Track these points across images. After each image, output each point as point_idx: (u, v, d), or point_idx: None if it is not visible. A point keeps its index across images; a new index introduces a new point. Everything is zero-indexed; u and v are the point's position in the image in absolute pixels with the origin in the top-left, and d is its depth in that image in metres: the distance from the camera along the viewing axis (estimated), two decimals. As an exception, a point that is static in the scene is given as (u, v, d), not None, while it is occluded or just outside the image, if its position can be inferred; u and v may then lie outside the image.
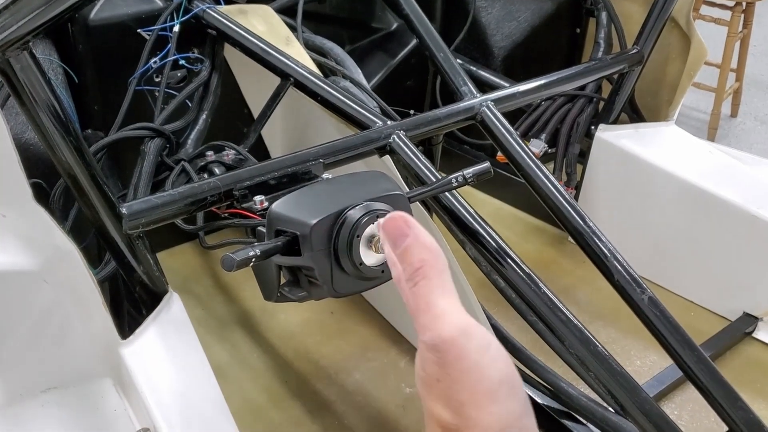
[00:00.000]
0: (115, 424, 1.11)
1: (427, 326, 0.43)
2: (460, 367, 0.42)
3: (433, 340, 0.43)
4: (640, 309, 1.17)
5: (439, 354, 0.42)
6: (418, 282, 0.45)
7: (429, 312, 0.44)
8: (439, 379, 0.42)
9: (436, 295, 0.45)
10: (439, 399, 0.42)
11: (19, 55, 0.95)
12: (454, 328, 0.43)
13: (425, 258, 0.46)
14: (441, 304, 0.44)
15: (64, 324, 1.12)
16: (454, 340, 0.42)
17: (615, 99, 1.80)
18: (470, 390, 0.41)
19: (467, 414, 0.41)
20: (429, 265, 0.46)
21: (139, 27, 1.45)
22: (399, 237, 0.47)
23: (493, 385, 0.42)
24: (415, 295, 0.45)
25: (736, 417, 1.12)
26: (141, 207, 1.11)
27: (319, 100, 1.38)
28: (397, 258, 0.47)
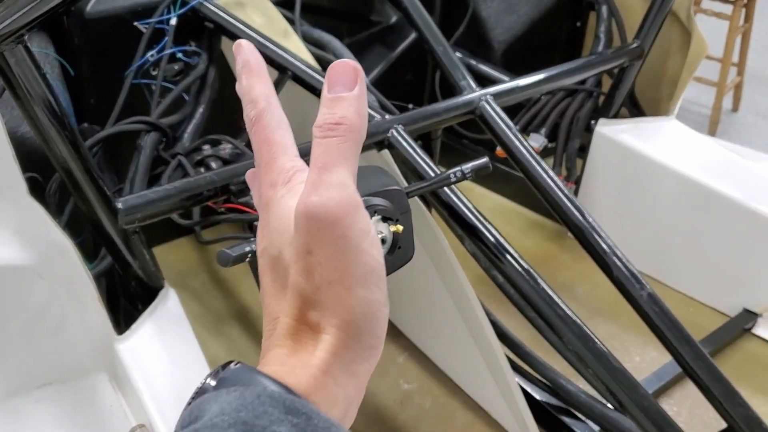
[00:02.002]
0: (110, 420, 1.11)
1: (319, 189, 0.39)
2: (339, 246, 0.39)
3: (319, 208, 0.39)
4: (640, 305, 1.17)
5: (321, 225, 0.39)
6: (331, 138, 0.41)
7: (327, 174, 0.39)
8: (311, 251, 0.39)
9: (342, 161, 0.40)
10: (306, 272, 0.39)
11: (14, 48, 0.94)
12: (346, 204, 0.39)
13: (353, 121, 0.41)
14: (342, 172, 0.40)
15: (59, 319, 1.12)
16: (344, 217, 0.39)
17: (615, 93, 1.79)
18: (343, 271, 0.39)
19: (333, 292, 0.39)
20: (350, 129, 0.41)
21: (135, 20, 1.44)
22: (341, 83, 0.42)
23: (366, 270, 0.39)
24: (319, 150, 0.40)
25: (734, 413, 1.12)
26: (137, 202, 1.10)
27: (317, 94, 1.37)
28: (324, 101, 0.42)
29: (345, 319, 0.39)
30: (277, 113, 0.45)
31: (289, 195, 0.42)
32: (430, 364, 1.54)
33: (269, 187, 0.43)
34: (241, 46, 0.47)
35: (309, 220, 0.39)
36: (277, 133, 0.44)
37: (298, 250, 0.40)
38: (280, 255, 0.41)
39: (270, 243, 0.42)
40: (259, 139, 0.44)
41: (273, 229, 0.42)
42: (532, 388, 1.41)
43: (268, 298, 0.42)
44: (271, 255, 0.42)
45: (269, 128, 0.44)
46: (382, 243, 0.92)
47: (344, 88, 0.42)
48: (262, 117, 0.44)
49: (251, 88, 0.45)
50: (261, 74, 0.46)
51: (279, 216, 0.42)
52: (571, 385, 1.37)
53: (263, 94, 0.45)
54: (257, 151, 0.44)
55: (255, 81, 0.45)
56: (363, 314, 0.40)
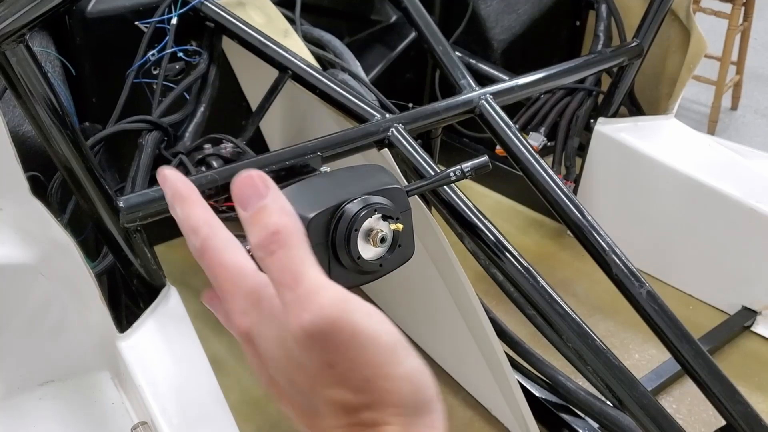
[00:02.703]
0: (112, 417, 1.11)
1: (303, 305, 0.37)
2: (357, 344, 0.37)
3: (316, 324, 0.36)
4: (639, 303, 1.17)
5: (328, 337, 0.37)
6: (276, 251, 0.38)
7: (300, 287, 0.37)
8: (332, 364, 0.37)
9: (301, 264, 0.38)
10: (337, 384, 0.37)
11: (16, 48, 0.95)
12: (337, 304, 0.37)
13: (285, 223, 0.39)
14: (312, 275, 0.38)
15: (61, 317, 1.12)
16: (342, 316, 0.37)
17: (614, 92, 1.79)
18: (373, 363, 0.37)
19: (376, 387, 0.37)
20: (288, 232, 0.38)
21: (136, 19, 1.44)
22: (252, 196, 0.39)
23: (391, 349, 0.38)
24: (275, 268, 0.38)
25: (733, 411, 1.12)
26: (138, 200, 1.11)
27: (317, 93, 1.38)
28: (245, 221, 0.39)
29: (399, 404, 0.38)
30: (221, 234, 0.41)
31: (267, 320, 0.39)
32: (429, 362, 1.55)
33: (240, 315, 0.40)
34: (166, 176, 0.44)
35: (313, 339, 0.37)
36: (228, 256, 0.41)
37: (318, 370, 0.38)
38: (293, 382, 0.39)
39: (276, 373, 0.40)
40: (212, 267, 0.41)
41: (271, 359, 0.40)
42: (531, 385, 1.42)
43: (302, 423, 0.40)
44: (284, 382, 0.40)
45: (218, 254, 0.41)
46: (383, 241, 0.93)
47: (257, 199, 0.39)
48: (208, 244, 0.41)
49: (188, 217, 0.42)
50: (193, 199, 0.43)
51: (270, 346, 0.39)
52: (570, 383, 1.37)
53: (202, 219, 0.42)
54: (213, 279, 0.41)
55: (189, 208, 0.42)
56: (413, 390, 0.38)
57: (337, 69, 1.59)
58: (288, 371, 0.39)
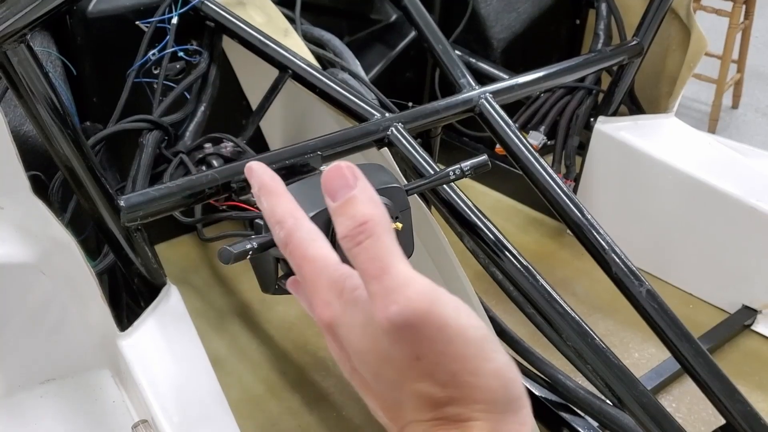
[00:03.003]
0: (113, 416, 1.11)
1: (391, 297, 0.36)
2: (444, 338, 0.36)
3: (405, 315, 0.36)
4: (638, 302, 1.17)
5: (416, 329, 0.36)
6: (363, 242, 0.38)
7: (387, 278, 0.37)
8: (419, 356, 0.37)
9: (390, 255, 0.37)
10: (423, 377, 0.37)
11: (17, 48, 0.95)
12: (425, 297, 0.36)
13: (374, 213, 0.38)
14: (400, 266, 0.37)
15: (62, 316, 1.12)
16: (431, 308, 0.36)
17: (614, 91, 1.79)
18: (460, 357, 0.37)
19: (463, 382, 0.37)
20: (377, 223, 0.38)
21: (137, 19, 1.45)
22: (342, 187, 0.39)
23: (479, 343, 0.37)
24: (362, 258, 0.38)
25: (733, 410, 1.12)
26: (139, 199, 1.11)
27: (317, 92, 1.38)
28: (334, 212, 0.40)
29: (487, 400, 0.37)
30: (306, 226, 0.43)
31: (351, 311, 0.39)
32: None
33: (325, 306, 0.40)
34: (253, 169, 0.46)
35: (401, 331, 0.36)
36: (313, 248, 0.42)
37: (404, 363, 0.37)
38: (379, 375, 0.39)
39: (358, 364, 0.40)
40: (297, 258, 0.42)
41: (353, 351, 0.40)
42: (531, 384, 1.42)
43: (382, 415, 0.40)
44: (368, 374, 0.40)
45: (303, 245, 0.42)
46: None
47: (346, 190, 0.40)
48: (293, 235, 0.42)
49: (273, 209, 0.44)
50: (279, 192, 0.44)
51: (353, 336, 0.39)
52: (570, 381, 1.38)
53: (288, 211, 0.43)
54: (298, 270, 0.42)
55: (275, 201, 0.44)
56: (501, 385, 0.37)
57: (337, 68, 1.60)
58: (372, 363, 0.39)
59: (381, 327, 0.37)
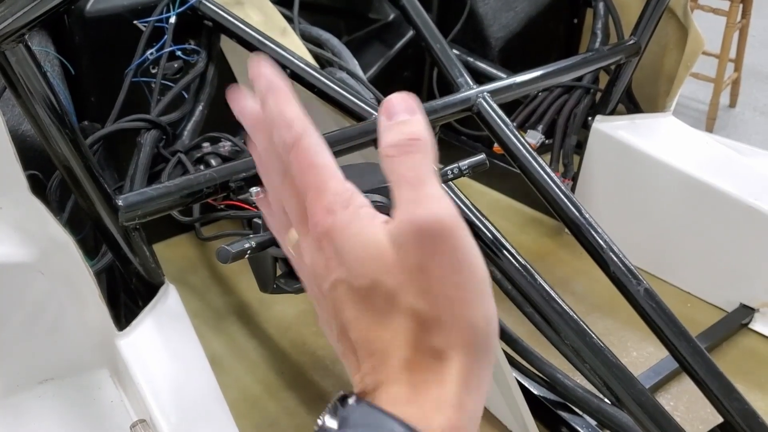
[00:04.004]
0: (111, 415, 1.11)
1: (423, 203, 0.36)
2: (456, 259, 0.36)
3: (431, 221, 0.36)
4: (636, 300, 1.17)
5: (435, 239, 0.36)
6: (411, 153, 0.38)
7: (424, 188, 0.37)
8: (425, 269, 0.36)
9: (432, 175, 0.37)
10: (422, 293, 0.36)
11: (15, 47, 0.95)
12: (455, 214, 0.36)
13: (428, 138, 0.38)
14: (438, 186, 0.37)
15: (60, 315, 1.12)
16: (456, 228, 0.36)
17: (612, 90, 1.79)
18: (463, 286, 0.36)
19: (456, 312, 0.36)
20: (428, 145, 0.38)
21: (135, 18, 1.45)
22: (405, 109, 0.39)
23: (482, 280, 0.37)
24: (405, 166, 0.37)
25: (731, 409, 1.13)
26: (137, 199, 1.11)
27: (315, 92, 1.38)
28: (387, 127, 0.39)
29: (470, 339, 0.37)
30: (315, 133, 0.41)
31: (357, 219, 0.38)
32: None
33: (326, 213, 0.39)
34: (260, 64, 0.42)
35: (421, 236, 0.36)
36: (322, 156, 0.40)
37: (409, 272, 0.36)
38: (376, 284, 0.37)
39: (351, 273, 0.38)
40: (302, 164, 0.40)
41: (352, 259, 0.38)
42: (529, 383, 1.42)
43: (358, 332, 0.38)
44: (358, 286, 0.38)
45: (312, 151, 0.40)
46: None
47: (405, 113, 0.39)
48: (302, 140, 0.40)
49: (283, 110, 0.41)
50: (289, 93, 0.42)
51: (356, 243, 0.38)
52: (568, 380, 1.38)
53: (297, 114, 0.41)
54: (301, 176, 0.40)
55: (284, 102, 0.41)
56: (485, 329, 0.38)
57: (335, 67, 1.60)
58: (371, 273, 0.37)
59: (401, 229, 0.37)
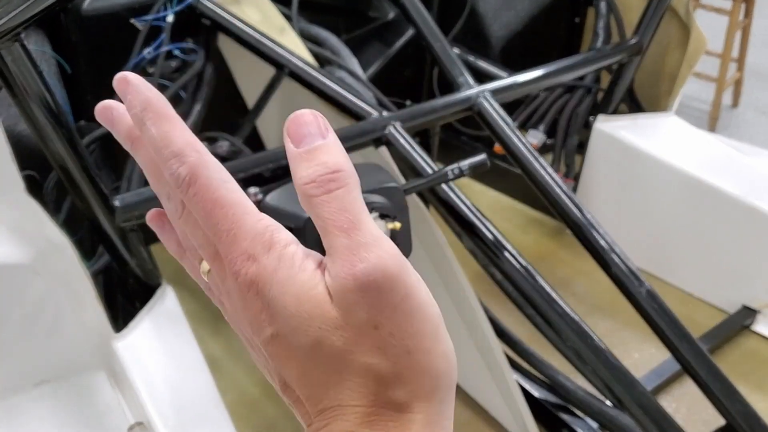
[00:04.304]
0: (108, 417, 1.10)
1: (361, 253, 0.32)
2: (407, 308, 0.33)
3: (375, 275, 0.32)
4: (638, 302, 1.16)
5: (382, 292, 0.33)
6: (335, 191, 0.33)
7: (358, 233, 0.33)
8: (378, 325, 0.33)
9: (362, 212, 0.33)
10: (376, 350, 0.33)
11: (11, 46, 0.94)
12: (397, 260, 0.33)
13: (347, 167, 0.34)
14: (371, 224, 0.33)
15: (56, 317, 1.11)
16: (400, 274, 0.33)
17: (614, 89, 1.79)
18: (417, 334, 0.34)
19: (415, 361, 0.34)
20: (350, 175, 0.34)
21: (132, 17, 1.44)
22: (312, 134, 0.34)
23: (436, 322, 0.35)
24: (331, 208, 0.33)
25: (733, 410, 1.12)
26: (134, 199, 1.10)
27: (314, 91, 1.37)
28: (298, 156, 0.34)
29: (432, 386, 0.34)
30: (213, 162, 0.34)
31: (284, 264, 0.34)
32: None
33: (246, 260, 0.34)
34: (129, 82, 0.35)
35: (367, 291, 0.33)
36: (227, 189, 0.34)
37: (358, 329, 0.33)
38: (320, 342, 0.34)
39: (288, 330, 0.34)
40: (205, 203, 0.34)
41: (288, 315, 0.34)
42: (530, 385, 1.41)
43: (306, 389, 0.35)
44: (297, 344, 0.34)
45: (214, 185, 0.34)
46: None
47: (317, 137, 0.34)
48: (199, 173, 0.34)
49: (167, 137, 0.34)
50: (172, 116, 0.35)
51: (288, 295, 0.34)
52: (569, 383, 1.37)
53: (187, 141, 0.34)
54: (206, 218, 0.34)
55: (168, 127, 0.35)
56: (446, 371, 0.35)
57: (335, 66, 1.59)
58: (314, 330, 0.33)
59: (344, 286, 0.33)
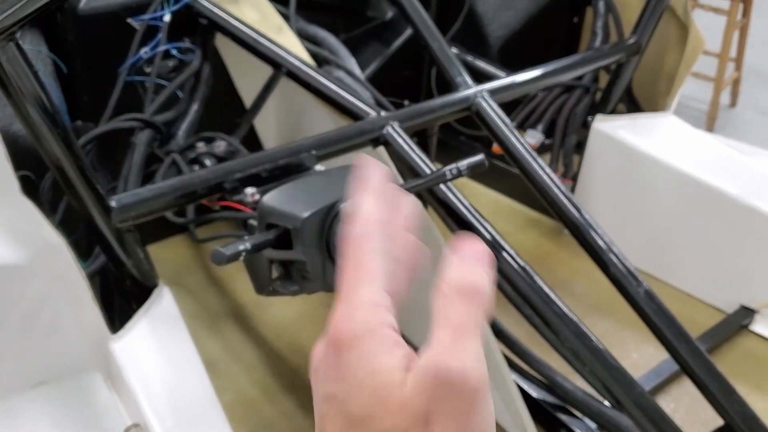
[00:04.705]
0: (105, 419, 1.10)
1: (457, 353, 0.34)
2: (466, 421, 0.33)
3: (456, 371, 0.33)
4: (637, 302, 1.16)
5: (453, 394, 0.33)
6: (472, 305, 0.36)
7: (465, 340, 0.34)
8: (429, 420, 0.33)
9: (478, 333, 0.35)
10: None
11: (6, 46, 0.93)
12: (485, 380, 0.34)
13: (488, 294, 0.37)
14: (479, 345, 0.35)
15: (53, 318, 1.11)
16: (479, 388, 0.34)
17: (612, 89, 1.78)
18: None
19: None
20: (486, 300, 0.36)
21: (129, 16, 1.43)
22: (479, 257, 0.38)
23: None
24: (461, 310, 0.35)
25: (731, 410, 1.12)
26: (130, 200, 1.10)
27: (312, 91, 1.37)
28: (456, 263, 0.38)
29: None
30: (379, 242, 0.38)
31: (374, 339, 0.35)
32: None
33: (344, 319, 0.36)
34: (367, 163, 0.41)
35: (440, 384, 0.33)
36: (371, 259, 0.37)
37: (413, 417, 0.33)
38: (371, 418, 0.34)
39: (348, 395, 0.35)
40: (350, 261, 0.38)
41: (355, 382, 0.35)
42: (528, 385, 1.40)
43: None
44: (349, 411, 0.35)
45: (366, 251, 0.38)
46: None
47: (479, 262, 0.37)
48: (364, 241, 0.38)
49: (361, 205, 0.39)
50: (378, 194, 0.40)
51: (364, 366, 0.35)
52: (568, 383, 1.36)
53: (375, 218, 0.39)
54: (342, 271, 0.38)
55: (368, 200, 0.39)
56: None
57: (333, 66, 1.58)
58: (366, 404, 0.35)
59: (424, 369, 0.34)
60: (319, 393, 0.37)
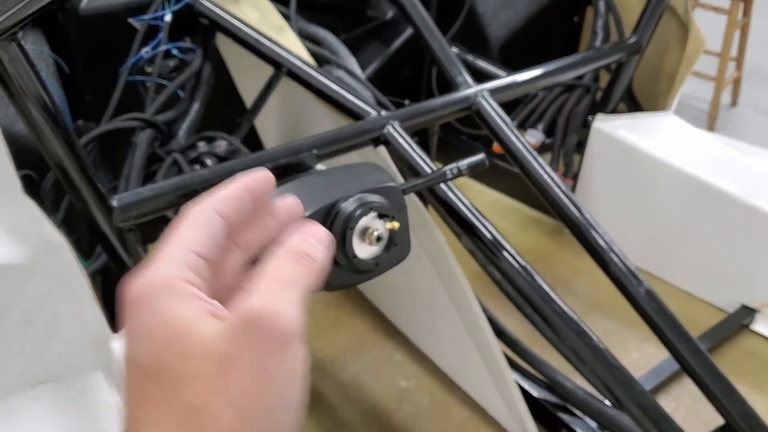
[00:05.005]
0: (107, 419, 1.10)
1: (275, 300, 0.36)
2: (267, 375, 0.35)
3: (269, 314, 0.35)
4: (637, 301, 1.16)
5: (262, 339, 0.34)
6: (302, 264, 0.40)
7: (288, 291, 0.37)
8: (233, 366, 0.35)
9: (303, 290, 0.39)
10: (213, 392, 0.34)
11: (8, 46, 0.94)
12: (298, 326, 0.37)
13: (324, 263, 0.42)
14: (300, 300, 0.38)
15: (54, 317, 1.11)
16: (291, 336, 0.36)
17: (613, 89, 1.78)
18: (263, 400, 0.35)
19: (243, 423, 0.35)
20: (321, 268, 0.41)
21: (130, 16, 1.43)
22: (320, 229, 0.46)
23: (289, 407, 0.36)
24: (289, 267, 0.39)
25: (732, 410, 1.12)
26: (131, 199, 1.10)
27: (312, 90, 1.37)
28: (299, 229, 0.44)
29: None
30: (204, 218, 0.40)
31: (171, 299, 0.35)
32: (427, 362, 1.54)
33: (142, 277, 0.36)
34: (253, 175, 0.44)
35: (247, 326, 0.34)
36: (188, 228, 0.39)
37: (212, 361, 0.33)
38: (163, 369, 0.34)
39: (139, 349, 0.35)
40: (170, 231, 0.39)
41: (148, 336, 0.35)
42: (529, 384, 1.41)
43: (131, 405, 0.36)
44: (141, 365, 0.35)
45: (185, 223, 0.40)
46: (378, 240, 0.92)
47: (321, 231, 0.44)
48: (189, 215, 0.40)
49: (221, 187, 0.42)
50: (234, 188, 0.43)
51: (158, 321, 0.35)
52: (568, 382, 1.37)
53: (211, 201, 0.41)
54: None
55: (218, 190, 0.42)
56: None
57: (333, 65, 1.58)
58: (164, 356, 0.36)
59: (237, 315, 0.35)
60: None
